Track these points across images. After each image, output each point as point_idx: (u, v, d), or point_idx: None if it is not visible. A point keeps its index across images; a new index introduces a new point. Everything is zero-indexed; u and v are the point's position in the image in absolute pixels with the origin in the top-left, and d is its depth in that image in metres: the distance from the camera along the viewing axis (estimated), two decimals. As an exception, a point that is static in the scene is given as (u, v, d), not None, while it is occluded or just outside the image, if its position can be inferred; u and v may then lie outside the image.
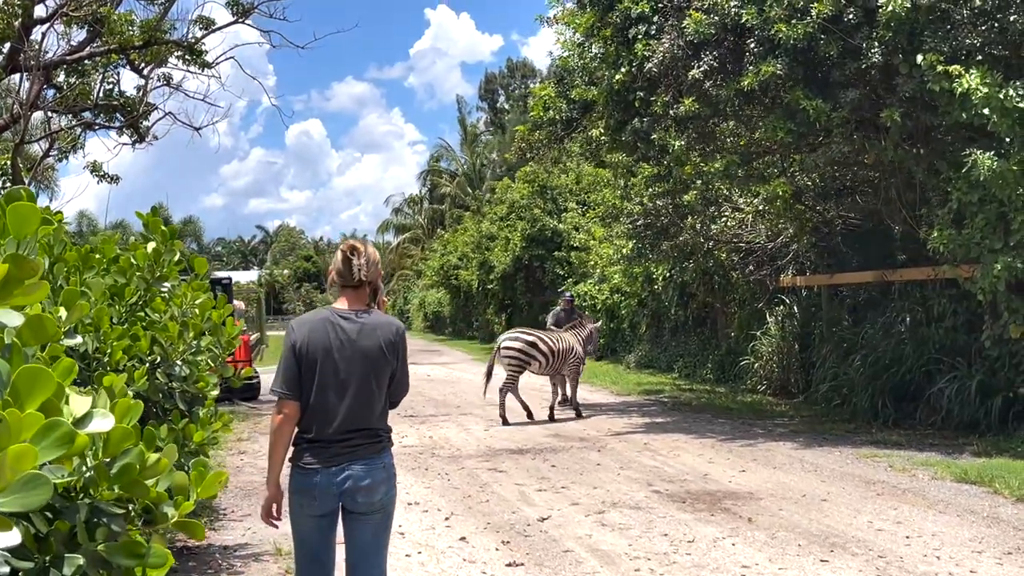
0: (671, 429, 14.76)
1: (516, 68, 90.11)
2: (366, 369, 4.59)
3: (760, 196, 17.81)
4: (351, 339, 4.58)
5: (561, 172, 38.20)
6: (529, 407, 16.62)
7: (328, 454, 4.53)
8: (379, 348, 4.62)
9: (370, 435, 4.61)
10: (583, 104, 16.56)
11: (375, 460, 4.59)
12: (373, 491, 4.56)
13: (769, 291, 19.67)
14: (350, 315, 4.65)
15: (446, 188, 76.52)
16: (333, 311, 4.70)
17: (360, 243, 4.79)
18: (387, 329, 4.70)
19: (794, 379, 18.34)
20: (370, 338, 4.62)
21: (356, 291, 4.72)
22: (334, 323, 4.62)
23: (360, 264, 4.65)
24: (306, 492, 4.55)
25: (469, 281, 43.75)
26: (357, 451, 4.56)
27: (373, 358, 4.61)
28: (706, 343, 22.96)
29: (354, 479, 4.52)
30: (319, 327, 4.62)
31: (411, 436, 14.74)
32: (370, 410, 4.61)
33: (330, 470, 4.51)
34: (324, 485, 4.51)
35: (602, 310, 29.62)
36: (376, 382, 4.62)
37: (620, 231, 21.30)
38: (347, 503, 4.58)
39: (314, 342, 4.57)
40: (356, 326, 4.62)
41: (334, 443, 4.54)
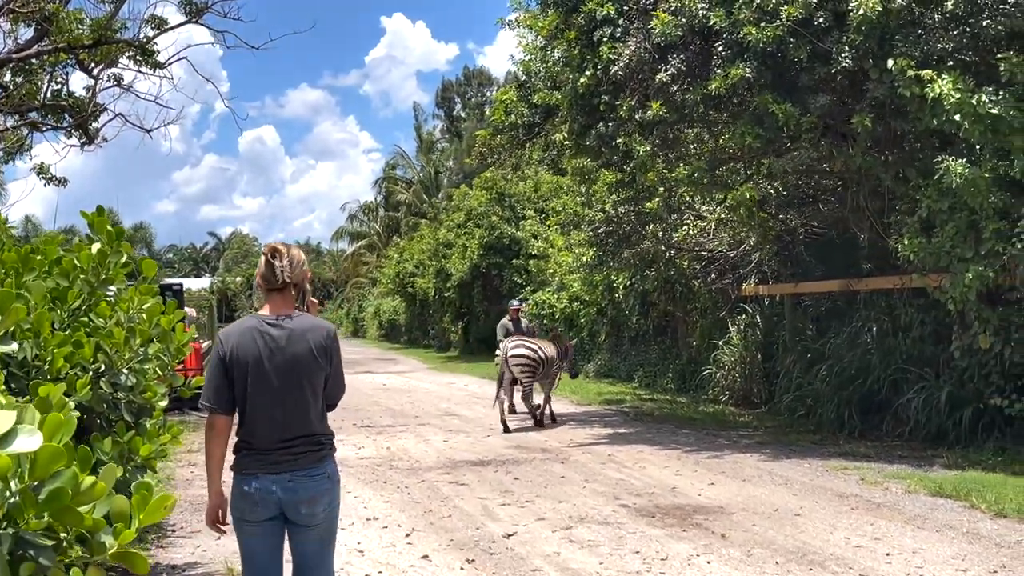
0: (635, 440, 14.45)
1: (473, 76, 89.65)
2: (299, 375, 4.51)
3: (723, 204, 17.57)
4: (280, 346, 4.51)
5: (520, 180, 37.92)
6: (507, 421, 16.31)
7: (268, 461, 4.48)
8: (310, 353, 4.54)
9: (311, 442, 4.54)
10: (545, 109, 16.25)
11: (317, 469, 4.53)
12: (316, 502, 4.51)
13: (731, 300, 19.46)
14: (277, 321, 4.57)
15: (402, 195, 75.93)
16: (260, 319, 4.61)
17: (282, 245, 4.70)
18: (317, 332, 4.62)
19: (757, 389, 18.12)
20: (300, 343, 4.54)
21: (282, 294, 4.65)
22: (262, 331, 4.54)
23: (283, 266, 4.58)
24: (247, 497, 4.48)
25: (425, 289, 43.28)
26: (299, 460, 4.49)
27: (305, 363, 4.53)
28: (667, 352, 22.71)
29: (295, 490, 4.46)
30: (247, 336, 4.54)
31: (368, 447, 14.30)
32: (307, 416, 4.55)
33: (270, 477, 4.46)
34: (264, 491, 4.45)
35: (561, 319, 29.30)
36: (310, 387, 4.55)
37: (581, 239, 21.00)
38: (291, 514, 4.52)
39: (243, 352, 4.50)
40: (285, 332, 4.55)
41: (274, 451, 4.48)
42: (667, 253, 19.79)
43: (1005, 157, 11.19)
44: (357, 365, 36.04)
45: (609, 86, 13.90)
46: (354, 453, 13.72)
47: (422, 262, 44.93)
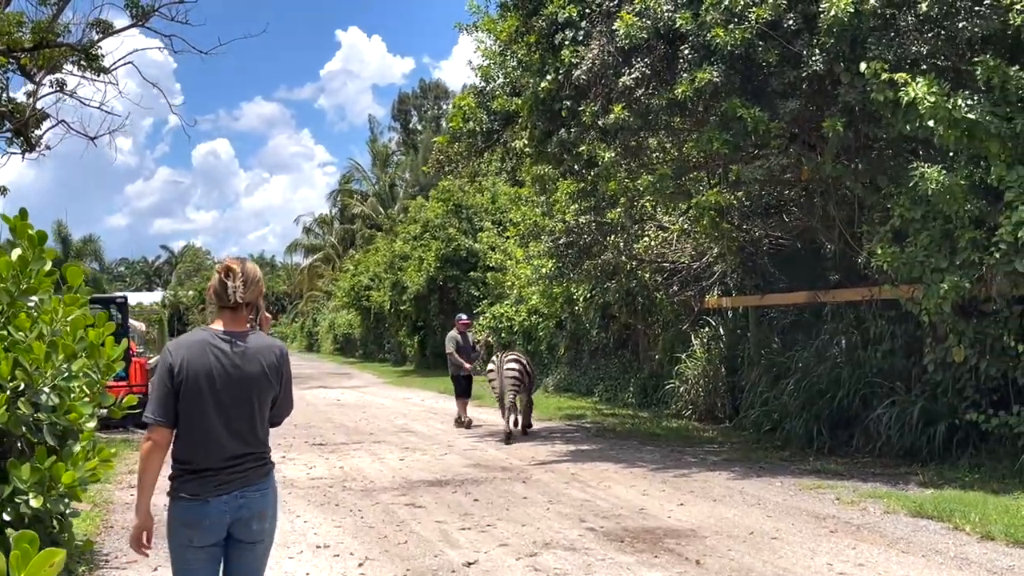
0: (598, 457, 13.94)
1: (429, 89, 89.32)
2: (249, 394, 4.42)
3: (686, 214, 17.15)
4: (233, 363, 4.40)
5: (477, 191, 37.40)
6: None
7: (216, 482, 4.35)
8: (262, 372, 4.46)
9: (257, 458, 4.50)
10: (505, 115, 15.74)
11: (264, 484, 4.52)
12: (265, 517, 4.49)
13: (694, 312, 19.04)
14: (229, 338, 4.45)
15: (357, 208, 75.17)
16: (212, 333, 4.47)
17: (237, 263, 4.56)
18: (269, 352, 4.53)
19: (721, 404, 17.70)
20: (252, 362, 4.46)
21: (234, 312, 4.52)
22: (214, 345, 4.41)
23: (236, 286, 4.45)
24: (195, 524, 4.33)
25: (381, 302, 42.58)
26: (247, 476, 4.42)
27: (256, 382, 4.45)
28: (627, 366, 22.25)
29: (248, 506, 4.40)
30: (198, 350, 4.40)
31: (320, 467, 13.67)
32: (254, 434, 4.48)
33: (221, 498, 4.34)
34: (215, 515, 4.33)
35: (519, 332, 28.80)
36: (259, 406, 4.48)
37: (540, 250, 20.50)
38: (239, 532, 4.43)
39: (193, 366, 4.36)
40: (238, 350, 4.44)
41: (222, 471, 4.36)
42: (628, 265, 19.35)
43: (980, 163, 10.85)
44: (310, 380, 35.32)
45: (571, 91, 13.43)
46: (305, 473, 13.09)
47: (377, 275, 44.26)
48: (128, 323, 20.77)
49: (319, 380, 35.38)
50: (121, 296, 20.97)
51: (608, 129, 12.89)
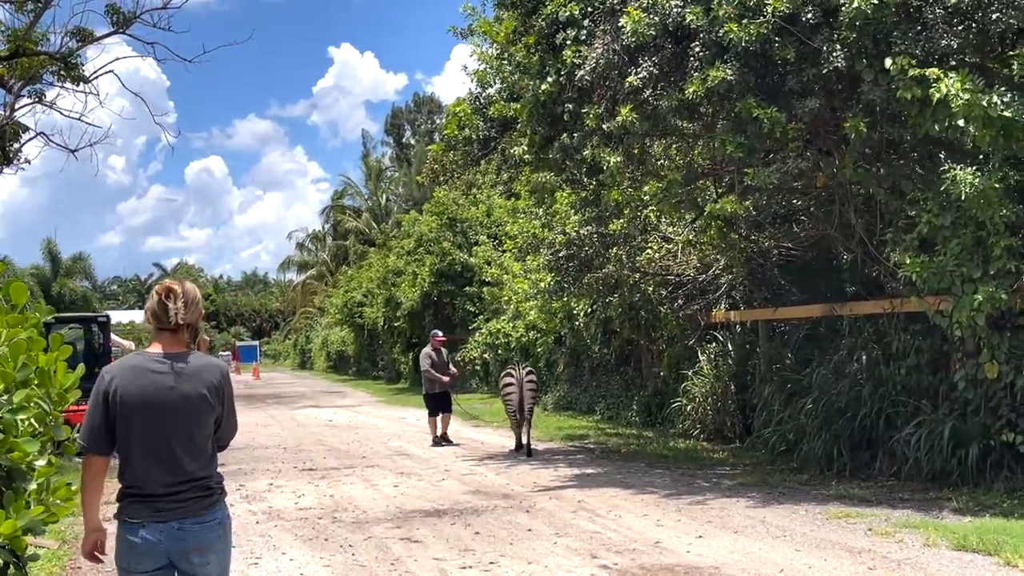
0: (605, 482, 13.12)
1: (423, 103, 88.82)
2: (187, 417, 4.35)
3: (694, 223, 16.37)
4: (169, 386, 4.31)
5: (472, 204, 36.66)
6: None
7: (154, 508, 4.29)
8: (200, 394, 4.37)
9: (200, 487, 4.38)
10: (502, 121, 14.98)
11: (207, 517, 4.37)
12: (207, 550, 4.34)
13: (700, 327, 18.24)
14: (167, 360, 4.37)
15: (350, 223, 74.50)
16: (148, 356, 4.39)
17: (177, 284, 4.51)
18: (209, 373, 4.44)
19: (731, 423, 16.87)
20: (190, 383, 4.37)
21: (173, 334, 4.45)
22: (150, 369, 4.33)
23: (177, 308, 4.40)
24: (134, 548, 4.28)
25: (374, 319, 41.77)
26: (187, 506, 4.32)
27: (194, 405, 4.36)
28: (630, 383, 21.42)
29: (184, 539, 4.29)
30: (134, 375, 4.34)
31: (309, 495, 12.83)
32: (195, 460, 4.37)
33: (157, 526, 4.27)
34: (152, 540, 4.26)
35: (517, 348, 27.99)
36: (200, 429, 4.39)
37: (540, 263, 19.71)
38: (180, 563, 4.33)
39: (128, 391, 4.31)
40: (175, 372, 4.35)
41: (160, 498, 4.29)
42: (631, 278, 18.56)
43: (1016, 166, 10.09)
44: (302, 399, 34.52)
45: (573, 93, 12.67)
46: (293, 503, 12.25)
47: (371, 291, 43.49)
48: (110, 342, 19.95)
49: (311, 399, 34.54)
50: (103, 315, 20.16)
51: (613, 133, 12.12)
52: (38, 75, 19.11)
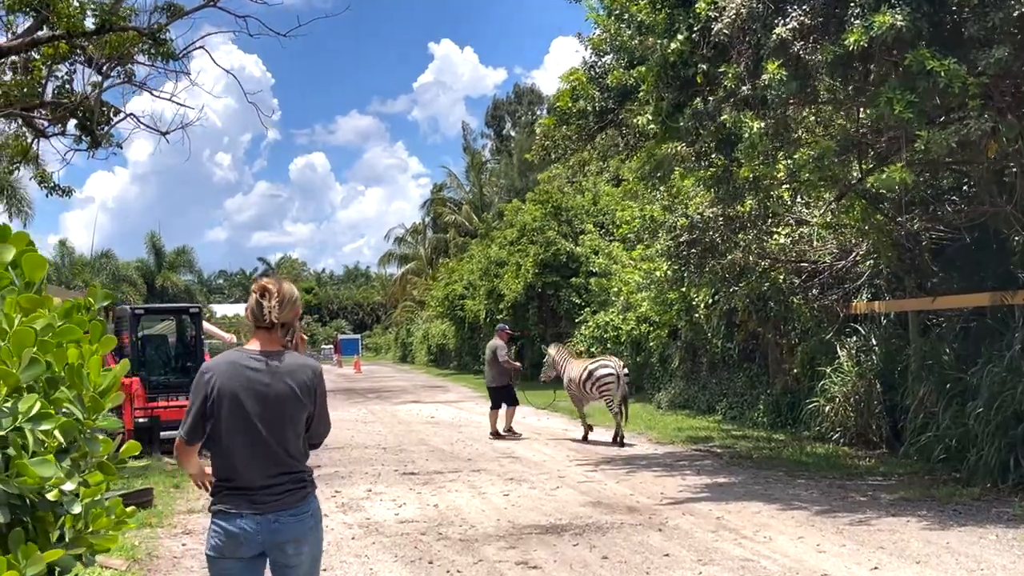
0: (742, 494, 11.56)
1: (523, 94, 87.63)
2: (280, 413, 4.40)
3: (830, 205, 14.64)
4: (264, 383, 4.38)
5: (577, 192, 35.18)
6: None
7: (251, 501, 4.35)
8: (294, 391, 4.42)
9: (293, 481, 4.43)
10: (621, 91, 13.50)
11: (302, 508, 4.42)
12: (302, 542, 4.41)
13: (838, 319, 16.46)
14: (262, 358, 4.43)
15: (451, 216, 73.69)
16: (245, 353, 4.47)
17: (273, 283, 4.55)
18: (303, 372, 4.47)
19: (876, 426, 15.08)
20: (283, 381, 4.41)
21: (269, 332, 4.50)
22: (247, 365, 4.40)
23: (271, 306, 4.45)
24: (231, 537, 4.33)
25: (476, 311, 40.56)
26: (282, 499, 4.38)
27: (287, 402, 4.41)
28: (755, 381, 19.69)
29: (281, 531, 4.35)
30: (230, 371, 4.39)
31: (410, 505, 11.53)
32: (288, 455, 4.42)
33: (255, 517, 4.33)
34: (250, 531, 4.32)
35: (627, 342, 26.45)
36: (293, 426, 4.44)
37: (657, 249, 18.13)
38: (274, 555, 4.41)
39: (225, 386, 4.36)
40: (270, 370, 4.40)
41: (257, 491, 4.36)
42: (760, 265, 16.88)
43: None
44: (403, 393, 33.44)
45: (708, 51, 11.09)
46: (393, 514, 10.95)
47: (472, 283, 42.29)
48: (202, 335, 19.00)
49: (412, 394, 33.41)
50: (195, 306, 19.21)
51: (755, 95, 10.52)
52: (128, 54, 18.22)
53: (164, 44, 17.18)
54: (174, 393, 17.17)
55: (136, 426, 16.70)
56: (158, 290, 53.90)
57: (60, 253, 49.00)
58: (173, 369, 18.16)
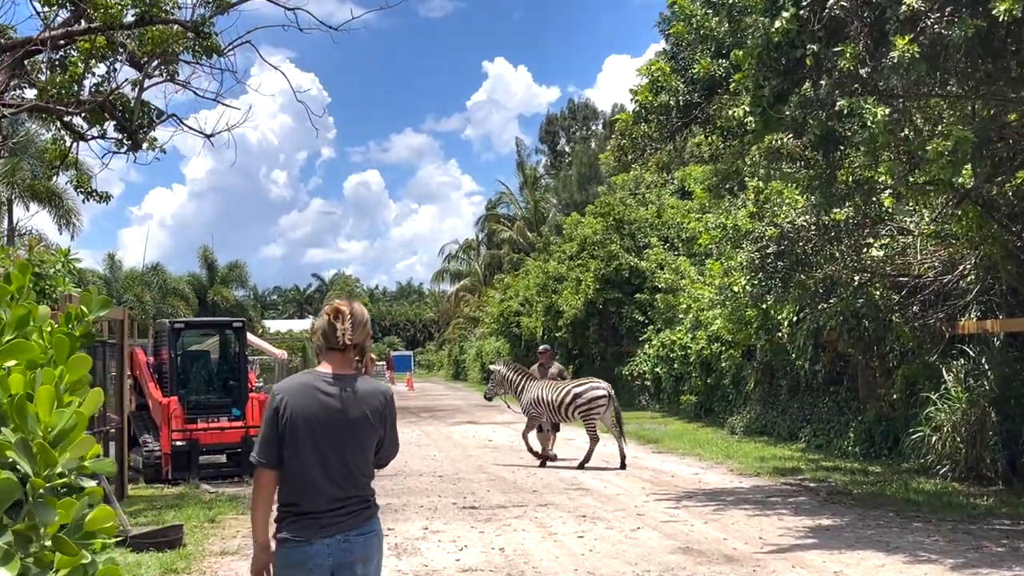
0: (854, 541, 10.01)
1: (578, 110, 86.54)
2: (352, 437, 4.38)
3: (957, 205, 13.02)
4: (337, 407, 4.36)
5: (640, 204, 33.69)
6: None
7: (319, 525, 4.32)
8: (365, 416, 4.40)
9: (360, 502, 4.42)
10: (709, 82, 12.09)
11: (368, 527, 4.43)
12: (369, 561, 4.42)
13: (943, 339, 14.81)
14: (335, 380, 4.41)
15: (505, 233, 72.59)
16: (317, 375, 4.45)
17: (345, 305, 4.51)
18: (375, 396, 4.47)
19: (991, 460, 13.43)
20: (356, 405, 4.39)
21: (342, 354, 4.44)
22: (319, 388, 4.39)
23: (345, 328, 4.39)
24: (299, 566, 4.30)
25: (532, 328, 39.12)
26: (348, 520, 4.36)
27: (359, 426, 4.39)
28: (844, 406, 18.02)
29: (351, 551, 4.34)
30: (303, 392, 4.39)
31: (473, 547, 10.12)
32: (357, 478, 4.41)
33: (324, 541, 4.30)
34: (318, 557, 4.28)
35: (695, 362, 24.89)
36: (362, 452, 4.43)
37: (739, 262, 16.59)
38: (343, 575, 4.35)
39: (297, 409, 4.35)
40: (344, 393, 4.39)
41: (324, 514, 4.33)
42: (854, 279, 15.30)
43: None
44: (458, 413, 32.09)
45: (819, 29, 9.62)
46: (454, 559, 9.55)
47: (528, 299, 40.89)
48: (246, 351, 17.77)
49: (467, 413, 32.04)
50: (238, 320, 17.97)
51: (879, 78, 9.03)
52: (172, 53, 17.10)
53: (208, 38, 16.00)
54: (215, 414, 15.97)
55: (173, 450, 15.51)
56: (210, 304, 53.04)
57: (109, 266, 48.24)
58: (214, 388, 16.95)
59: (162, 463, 15.73)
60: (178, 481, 15.49)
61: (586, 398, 16.86)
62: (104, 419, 13.64)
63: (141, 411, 17.14)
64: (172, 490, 14.99)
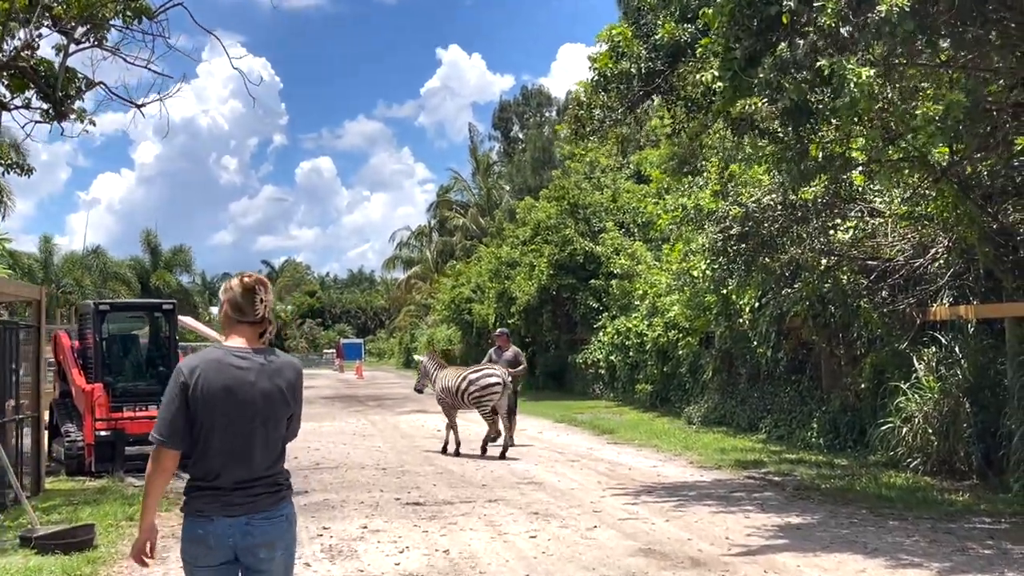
0: (829, 541, 9.24)
1: (532, 96, 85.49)
2: (266, 413, 4.22)
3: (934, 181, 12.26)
4: (251, 381, 4.20)
5: (595, 188, 32.88)
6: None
7: (225, 502, 4.15)
8: (280, 391, 4.27)
9: (270, 483, 4.26)
10: (672, 49, 11.27)
11: (276, 512, 4.25)
12: (274, 546, 4.23)
13: (914, 326, 14.13)
14: (249, 355, 4.25)
15: (457, 220, 71.68)
16: (229, 350, 4.25)
17: (263, 277, 4.39)
18: (289, 371, 4.34)
19: (964, 452, 12.75)
20: (271, 380, 4.25)
21: (253, 328, 4.33)
22: (232, 364, 4.20)
23: (268, 300, 4.34)
24: (201, 541, 4.14)
25: (484, 315, 38.19)
26: (257, 502, 4.20)
27: (274, 402, 4.25)
28: (806, 396, 17.32)
29: (254, 534, 4.17)
30: (216, 368, 4.19)
31: (415, 548, 9.23)
32: (270, 457, 4.26)
33: (226, 520, 4.13)
34: (220, 534, 4.12)
35: (652, 350, 24.12)
36: (276, 428, 4.27)
37: (701, 244, 15.79)
38: (246, 559, 4.20)
39: (212, 384, 4.16)
40: (256, 367, 4.24)
41: (232, 492, 4.16)
42: (821, 262, 14.58)
43: None
44: (408, 402, 31.15)
45: (796, -16, 8.81)
46: (393, 563, 8.66)
47: (480, 285, 39.97)
48: (176, 334, 16.66)
49: (416, 403, 31.01)
50: (169, 303, 16.82)
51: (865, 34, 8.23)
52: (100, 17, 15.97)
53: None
54: (143, 402, 14.89)
55: (97, 440, 14.46)
56: (153, 289, 51.55)
57: (44, 249, 46.60)
58: (143, 375, 15.85)
59: (85, 454, 14.68)
60: (102, 474, 14.46)
61: (478, 385, 16.55)
62: (18, 408, 12.62)
63: (65, 399, 16.06)
64: (94, 484, 13.94)
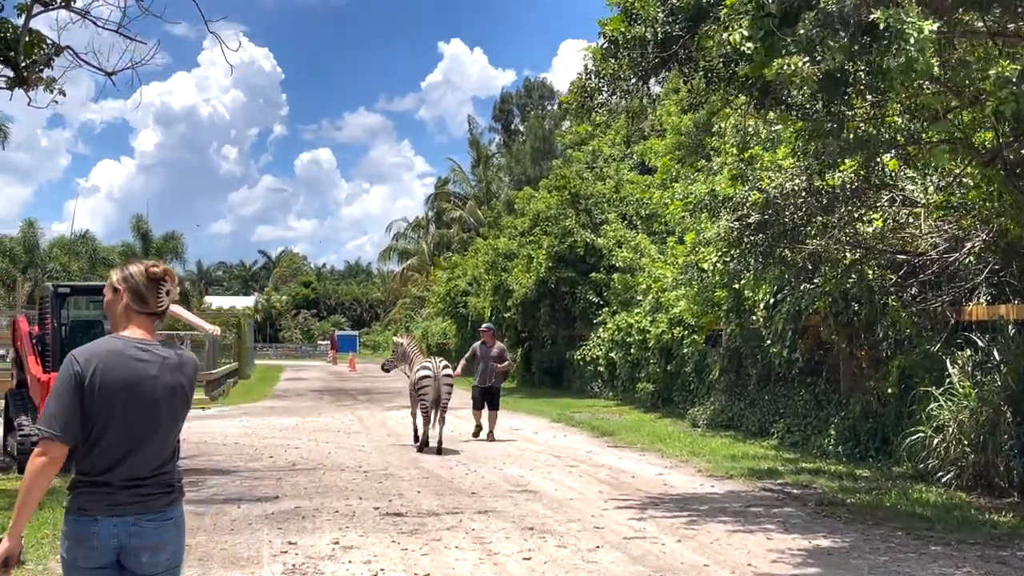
0: (864, 569, 8.06)
1: (534, 88, 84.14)
2: (168, 409, 4.03)
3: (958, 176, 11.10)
4: (154, 375, 3.97)
5: (597, 179, 31.66)
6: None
7: (111, 501, 3.91)
8: (181, 386, 4.08)
9: (162, 483, 4.03)
10: (693, 11, 10.03)
11: (165, 514, 4.02)
12: (160, 550, 4.00)
13: (947, 327, 12.94)
14: (152, 347, 4.01)
15: (455, 212, 70.58)
16: (128, 342, 3.98)
17: (172, 269, 4.20)
18: (189, 366, 4.14)
19: (1004, 466, 11.56)
20: (173, 375, 4.03)
21: (152, 319, 4.09)
22: (132, 356, 3.94)
23: (174, 292, 4.12)
24: (84, 542, 3.89)
25: (480, 308, 36.97)
26: (147, 501, 3.97)
27: (175, 397, 4.06)
28: (822, 400, 16.10)
29: (140, 535, 3.93)
30: (113, 359, 3.91)
31: (392, 571, 8.02)
32: (162, 455, 4.03)
33: (111, 520, 3.89)
34: (104, 536, 3.88)
35: (654, 348, 22.90)
36: (173, 424, 4.08)
37: (716, 233, 14.56)
38: (129, 563, 3.95)
39: (111, 377, 3.89)
40: (159, 360, 4.00)
41: (121, 490, 3.92)
42: (845, 255, 13.37)
43: None
44: (398, 397, 29.77)
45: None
46: (364, 589, 7.46)
47: (476, 278, 38.75)
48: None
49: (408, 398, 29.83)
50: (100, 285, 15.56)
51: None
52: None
53: (105, -44, 13.68)
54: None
55: (52, 435, 13.24)
56: (142, 277, 50.35)
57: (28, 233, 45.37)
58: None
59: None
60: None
61: (415, 377, 16.52)
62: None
63: (22, 388, 14.85)
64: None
